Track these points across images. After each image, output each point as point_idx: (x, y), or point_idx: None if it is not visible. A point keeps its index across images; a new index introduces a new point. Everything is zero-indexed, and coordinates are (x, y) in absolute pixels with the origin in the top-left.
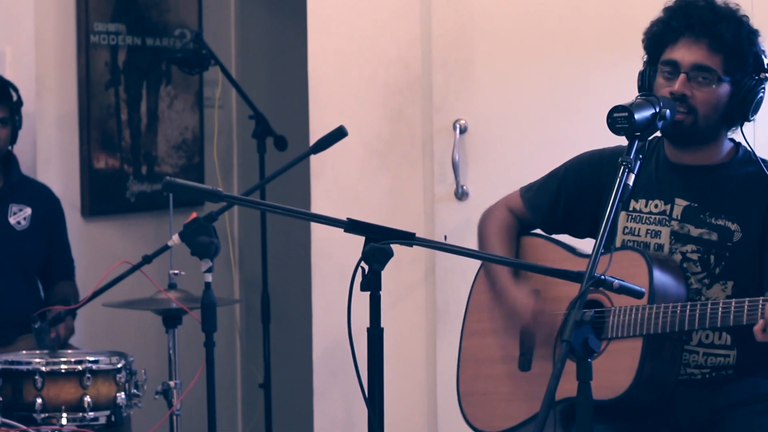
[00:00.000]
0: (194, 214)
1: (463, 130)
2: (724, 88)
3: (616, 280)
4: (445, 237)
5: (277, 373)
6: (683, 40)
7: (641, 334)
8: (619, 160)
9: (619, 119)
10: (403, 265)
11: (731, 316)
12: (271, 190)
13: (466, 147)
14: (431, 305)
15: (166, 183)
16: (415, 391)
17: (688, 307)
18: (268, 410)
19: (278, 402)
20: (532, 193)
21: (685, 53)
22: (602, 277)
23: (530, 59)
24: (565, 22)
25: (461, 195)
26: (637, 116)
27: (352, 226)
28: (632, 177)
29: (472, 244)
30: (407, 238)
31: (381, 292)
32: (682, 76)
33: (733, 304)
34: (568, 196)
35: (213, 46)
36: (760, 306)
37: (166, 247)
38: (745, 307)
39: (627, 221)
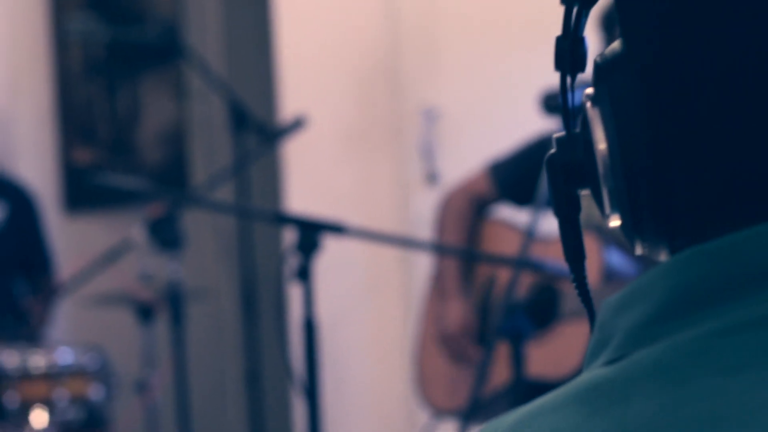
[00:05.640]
0: (160, 207)
1: (433, 115)
2: None
3: (550, 265)
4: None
5: (268, 363)
6: None
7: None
8: None
9: (552, 104)
10: (378, 250)
11: None
12: (257, 179)
13: (436, 132)
14: (407, 290)
15: (94, 181)
16: (392, 377)
17: None
18: (258, 401)
19: (268, 393)
20: (500, 167)
21: None
22: (535, 262)
23: (499, 40)
24: (533, 4)
25: (433, 180)
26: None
27: (281, 218)
28: None
29: None
30: (337, 229)
31: (356, 278)
32: None
33: None
34: (535, 168)
35: (197, 36)
36: None
37: (131, 243)
38: None
39: None
